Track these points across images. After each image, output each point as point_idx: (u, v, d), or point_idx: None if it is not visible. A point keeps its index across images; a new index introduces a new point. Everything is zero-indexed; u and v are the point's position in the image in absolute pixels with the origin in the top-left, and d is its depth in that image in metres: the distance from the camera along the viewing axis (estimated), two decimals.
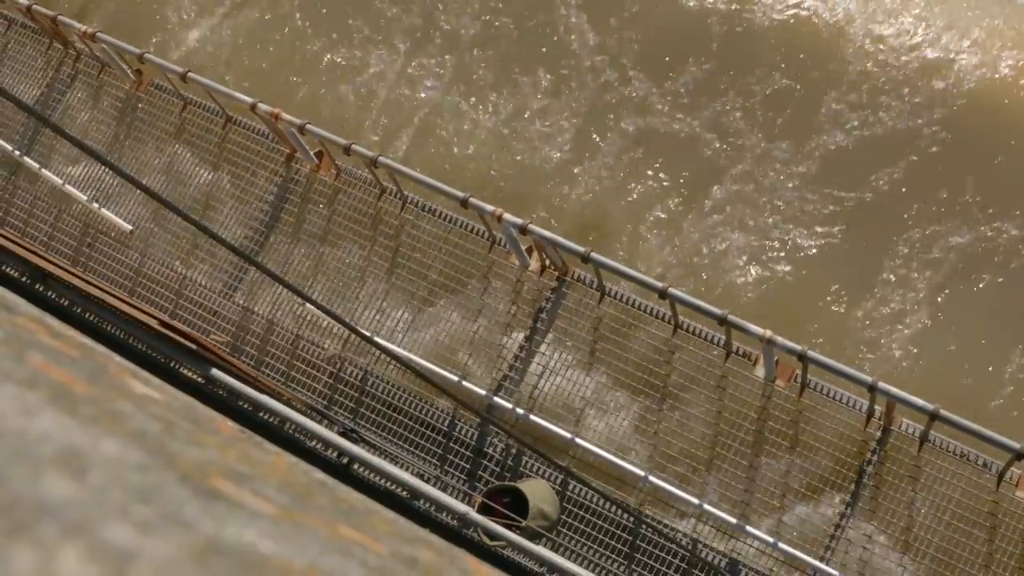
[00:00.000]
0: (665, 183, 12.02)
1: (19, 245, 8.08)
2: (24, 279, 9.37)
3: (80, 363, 2.32)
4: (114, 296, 7.79)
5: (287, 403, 7.96)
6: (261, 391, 7.31)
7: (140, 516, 1.33)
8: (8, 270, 9.55)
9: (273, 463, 2.62)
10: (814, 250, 11.39)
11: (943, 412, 7.61)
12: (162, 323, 7.25)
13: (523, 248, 9.28)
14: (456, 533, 8.53)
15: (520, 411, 9.04)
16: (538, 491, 8.48)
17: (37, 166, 10.91)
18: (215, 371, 6.97)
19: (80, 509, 1.26)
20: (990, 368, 10.54)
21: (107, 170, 10.44)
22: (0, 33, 11.74)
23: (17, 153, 11.04)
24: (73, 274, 8.08)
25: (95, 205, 10.58)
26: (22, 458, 1.33)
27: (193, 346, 7.03)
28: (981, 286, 10.93)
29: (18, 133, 11.24)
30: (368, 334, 9.35)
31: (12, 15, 11.65)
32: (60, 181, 10.74)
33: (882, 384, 7.70)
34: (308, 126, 9.33)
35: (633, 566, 8.57)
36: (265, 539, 1.56)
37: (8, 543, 1.14)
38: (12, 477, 1.27)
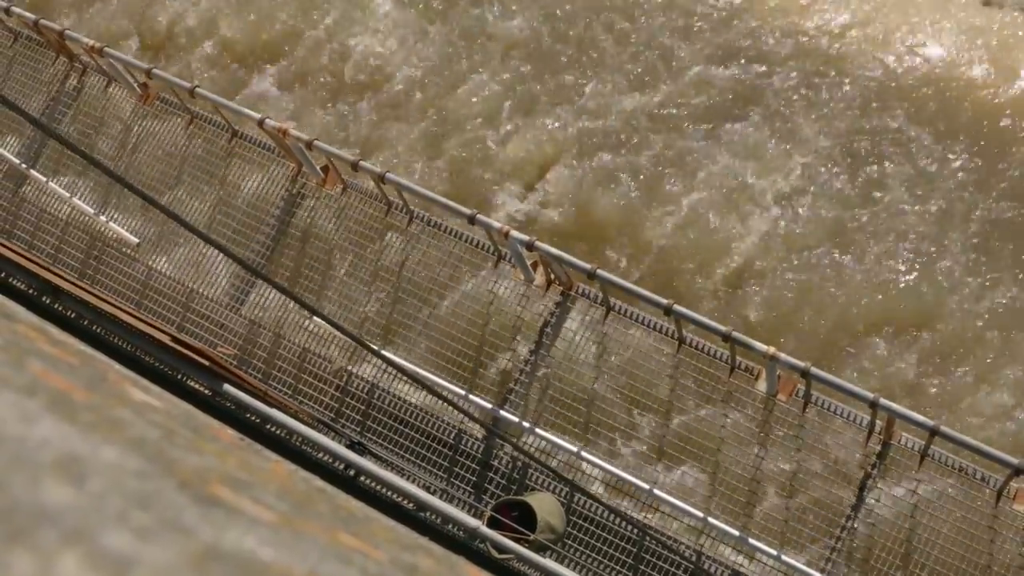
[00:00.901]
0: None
1: (28, 259, 8.10)
2: (31, 291, 9.40)
3: (79, 370, 2.32)
4: (126, 312, 7.81)
5: (295, 415, 7.97)
6: (270, 405, 7.32)
7: (139, 523, 1.32)
8: (16, 283, 9.58)
9: (272, 470, 2.62)
10: None
11: (943, 428, 7.67)
12: (174, 339, 7.27)
13: (529, 264, 9.31)
14: (463, 545, 8.54)
15: (526, 424, 9.05)
16: (545, 504, 8.49)
17: (44, 179, 10.95)
18: (227, 386, 6.99)
19: (79, 515, 1.25)
20: None
21: (113, 182, 10.56)
22: (7, 46, 11.79)
23: (24, 166, 11.08)
24: (84, 289, 8.11)
25: (102, 218, 10.62)
26: (22, 464, 1.33)
27: (205, 362, 7.05)
28: None
29: (24, 146, 11.29)
30: (376, 347, 9.36)
31: (19, 28, 11.71)
32: (67, 194, 10.78)
33: (883, 400, 7.77)
34: (316, 142, 9.38)
35: None
36: (264, 546, 1.56)
37: (7, 549, 1.13)
38: (12, 483, 1.27)
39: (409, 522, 7.91)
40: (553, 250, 8.70)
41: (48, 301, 9.20)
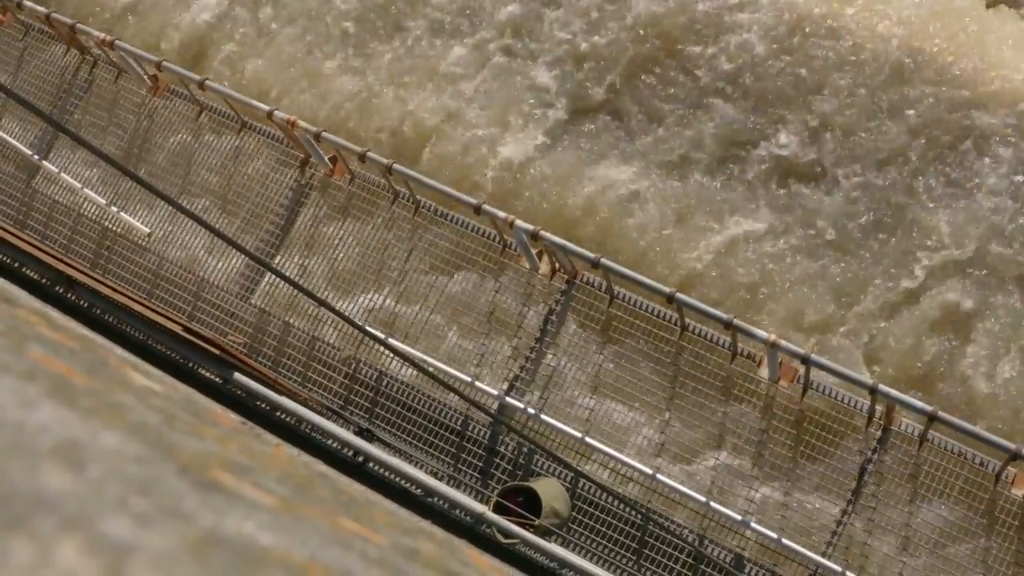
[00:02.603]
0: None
1: (43, 251, 8.15)
2: (44, 281, 9.45)
3: (80, 355, 2.32)
4: (139, 302, 7.85)
5: (304, 403, 8.02)
6: (280, 393, 7.36)
7: (138, 509, 1.32)
8: (29, 272, 9.63)
9: (273, 455, 2.63)
10: None
11: (941, 414, 7.77)
12: (186, 329, 7.32)
13: (534, 252, 9.35)
14: (469, 530, 8.58)
15: (531, 411, 9.11)
16: (551, 490, 8.54)
17: (56, 170, 11.01)
18: (238, 375, 7.04)
19: (78, 502, 1.25)
20: None
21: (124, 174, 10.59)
22: (18, 39, 11.85)
23: (36, 157, 11.14)
24: (99, 280, 8.15)
25: (113, 209, 10.68)
26: (20, 450, 1.33)
27: (216, 351, 7.10)
28: None
29: (36, 137, 11.34)
30: (382, 336, 9.41)
31: (30, 21, 11.76)
32: (79, 185, 10.83)
33: (882, 386, 7.85)
34: (324, 134, 9.45)
35: (642, 561, 8.64)
36: (264, 531, 1.56)
37: (6, 536, 1.13)
38: (10, 470, 1.26)
39: (416, 507, 7.96)
40: (557, 239, 8.74)
41: (61, 291, 9.25)
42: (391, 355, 9.55)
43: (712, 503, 8.59)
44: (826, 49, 12.03)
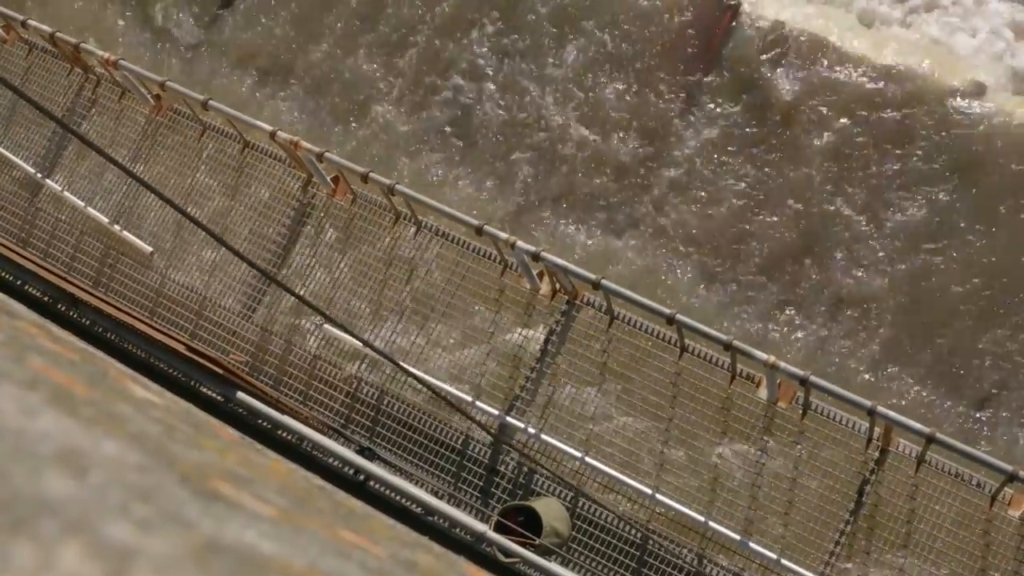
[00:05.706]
0: None
1: (48, 271, 8.18)
2: (47, 299, 9.48)
3: (80, 367, 2.34)
4: (142, 321, 7.89)
5: (305, 422, 8.04)
6: (282, 412, 7.38)
7: (140, 515, 1.33)
8: (32, 290, 9.65)
9: (272, 467, 2.64)
10: None
11: (939, 435, 7.79)
12: (189, 348, 7.35)
13: (535, 273, 9.37)
14: (470, 548, 8.59)
15: (532, 431, 9.11)
16: (551, 509, 8.54)
17: (59, 188, 11.04)
18: (240, 394, 7.07)
19: (81, 507, 1.26)
20: None
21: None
22: (22, 57, 11.89)
23: (39, 176, 11.17)
24: (103, 300, 8.19)
25: (116, 227, 10.69)
26: (22, 456, 1.34)
27: (219, 370, 7.13)
28: None
29: (40, 156, 11.38)
30: (387, 353, 9.43)
31: (34, 40, 11.81)
32: (82, 203, 10.86)
33: (880, 408, 7.88)
34: (327, 154, 9.47)
35: None
36: (265, 540, 1.56)
37: (9, 539, 1.14)
38: (12, 474, 1.27)
39: (416, 526, 7.97)
40: (559, 260, 8.77)
41: (64, 308, 9.28)
42: (392, 374, 9.56)
43: (711, 523, 8.60)
44: None
